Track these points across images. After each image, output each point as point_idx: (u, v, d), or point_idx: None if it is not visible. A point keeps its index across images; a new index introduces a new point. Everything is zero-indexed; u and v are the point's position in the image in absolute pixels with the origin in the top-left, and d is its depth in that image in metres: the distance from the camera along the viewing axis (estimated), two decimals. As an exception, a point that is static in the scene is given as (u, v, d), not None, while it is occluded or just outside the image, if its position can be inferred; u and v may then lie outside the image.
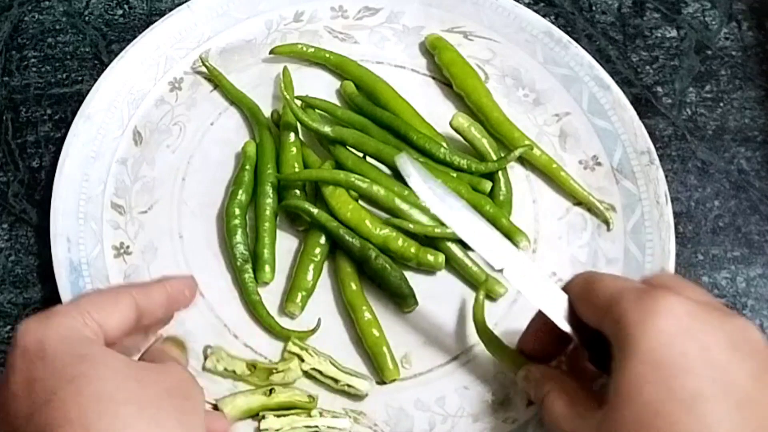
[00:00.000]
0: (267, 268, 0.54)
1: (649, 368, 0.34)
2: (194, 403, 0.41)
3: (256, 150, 0.58)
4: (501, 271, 0.43)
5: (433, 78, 0.62)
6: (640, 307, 0.36)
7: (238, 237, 0.55)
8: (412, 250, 0.54)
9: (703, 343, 0.34)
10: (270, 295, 0.54)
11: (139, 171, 0.58)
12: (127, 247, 0.56)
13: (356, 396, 0.51)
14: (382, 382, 0.51)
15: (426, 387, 0.52)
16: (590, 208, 0.56)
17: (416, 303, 0.53)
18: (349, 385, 0.51)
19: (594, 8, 0.66)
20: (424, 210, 0.55)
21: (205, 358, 0.52)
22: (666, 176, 0.56)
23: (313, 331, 0.52)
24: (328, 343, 0.53)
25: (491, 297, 0.54)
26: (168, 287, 0.45)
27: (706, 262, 0.57)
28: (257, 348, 0.53)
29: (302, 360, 0.51)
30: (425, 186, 0.45)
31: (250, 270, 0.54)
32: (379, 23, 0.64)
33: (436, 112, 0.60)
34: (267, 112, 0.60)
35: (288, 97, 0.57)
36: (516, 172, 0.58)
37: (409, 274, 0.54)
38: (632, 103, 0.58)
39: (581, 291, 0.41)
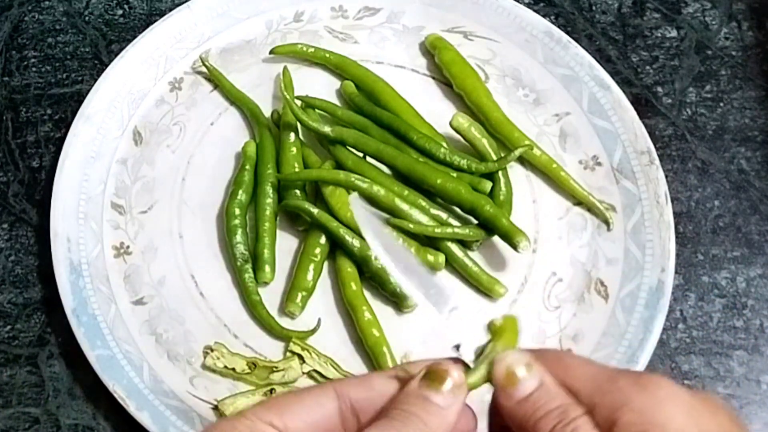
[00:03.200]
0: (267, 268, 0.54)
1: None
2: None
3: (256, 150, 0.58)
4: (458, 347, 0.36)
5: (433, 78, 0.62)
6: (646, 394, 0.32)
7: (238, 237, 0.55)
8: (412, 250, 0.54)
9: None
10: (270, 295, 0.54)
11: (139, 171, 0.58)
12: (127, 247, 0.56)
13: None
14: (382, 382, 0.51)
15: (426, 387, 0.52)
16: (590, 208, 0.56)
17: (416, 303, 0.53)
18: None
19: (594, 8, 0.66)
20: (424, 210, 0.55)
21: (205, 355, 0.52)
22: (666, 176, 0.56)
23: (313, 331, 0.52)
24: (328, 343, 0.53)
25: (491, 297, 0.54)
26: (398, 371, 0.34)
27: (706, 262, 0.57)
28: (257, 348, 0.53)
29: (303, 360, 0.51)
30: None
31: (250, 270, 0.54)
32: (379, 23, 0.64)
33: (436, 112, 0.60)
34: (267, 112, 0.60)
35: (288, 97, 0.57)
36: (516, 172, 0.58)
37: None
38: (632, 103, 0.58)
39: (549, 366, 0.35)
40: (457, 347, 0.35)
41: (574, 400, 0.32)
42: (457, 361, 0.34)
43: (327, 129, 0.57)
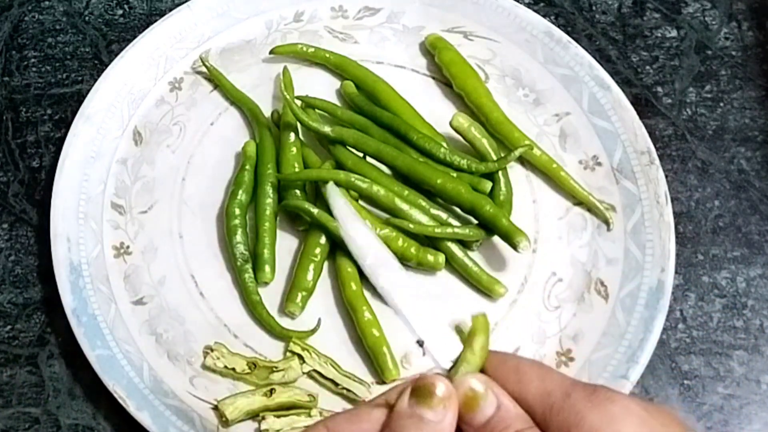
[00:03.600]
0: (267, 268, 0.54)
1: None
2: None
3: (256, 150, 0.58)
4: (420, 343, 0.36)
5: (433, 78, 0.62)
6: (597, 412, 0.32)
7: (238, 237, 0.55)
8: (412, 250, 0.54)
9: None
10: (270, 295, 0.54)
11: (139, 171, 0.58)
12: (127, 247, 0.56)
13: (356, 399, 0.51)
14: (382, 382, 0.51)
15: (426, 387, 0.52)
16: (590, 208, 0.56)
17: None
18: (347, 389, 0.51)
19: (594, 8, 0.66)
20: (424, 210, 0.55)
21: (205, 355, 0.52)
22: (666, 176, 0.56)
23: (313, 331, 0.52)
24: (328, 343, 0.53)
25: (491, 297, 0.54)
26: (385, 397, 0.34)
27: (706, 262, 0.57)
28: (257, 348, 0.53)
29: (303, 360, 0.51)
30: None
31: (250, 270, 0.54)
32: (379, 23, 0.64)
33: (436, 112, 0.60)
34: (267, 112, 0.60)
35: (288, 97, 0.57)
36: (516, 172, 0.58)
37: (408, 274, 0.54)
38: (632, 103, 0.58)
39: (505, 379, 0.35)
40: (420, 343, 0.35)
41: (532, 422, 0.32)
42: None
43: (327, 129, 0.57)
